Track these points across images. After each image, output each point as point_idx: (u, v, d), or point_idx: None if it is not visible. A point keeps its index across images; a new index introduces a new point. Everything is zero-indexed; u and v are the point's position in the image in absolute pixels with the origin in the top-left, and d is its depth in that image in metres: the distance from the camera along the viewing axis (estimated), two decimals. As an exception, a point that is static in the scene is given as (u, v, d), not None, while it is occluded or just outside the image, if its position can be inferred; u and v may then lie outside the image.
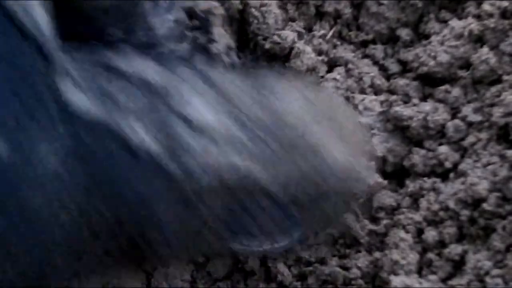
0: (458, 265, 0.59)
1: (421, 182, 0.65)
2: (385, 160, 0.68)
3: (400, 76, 0.73)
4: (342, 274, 0.63)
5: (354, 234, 0.65)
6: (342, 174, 0.49)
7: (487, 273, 0.56)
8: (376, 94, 0.72)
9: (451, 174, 0.64)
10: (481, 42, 0.67)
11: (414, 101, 0.69)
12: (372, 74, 0.73)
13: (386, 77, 0.74)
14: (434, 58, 0.69)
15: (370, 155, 0.54)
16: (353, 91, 0.72)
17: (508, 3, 0.66)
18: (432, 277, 0.59)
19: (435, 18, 0.73)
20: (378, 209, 0.66)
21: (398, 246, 0.62)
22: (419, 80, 0.71)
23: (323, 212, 0.52)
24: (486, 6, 0.67)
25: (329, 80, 0.72)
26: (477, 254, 0.58)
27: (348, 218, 0.65)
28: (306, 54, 0.73)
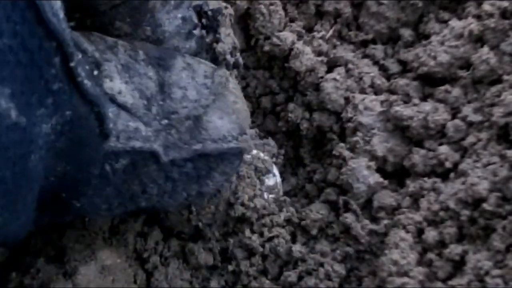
0: (458, 265, 0.59)
1: (421, 182, 0.65)
2: (385, 160, 0.68)
3: (400, 76, 0.73)
4: (342, 273, 0.64)
5: (354, 234, 0.66)
6: (221, 141, 0.56)
7: (487, 273, 0.56)
8: (376, 94, 0.72)
9: (451, 174, 0.64)
10: (481, 42, 0.67)
11: (414, 101, 0.69)
12: (372, 74, 0.73)
13: (386, 77, 0.74)
14: (434, 58, 0.69)
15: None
16: (353, 91, 0.72)
17: (508, 3, 0.66)
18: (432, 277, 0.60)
19: (435, 18, 0.73)
20: (378, 209, 0.66)
21: (398, 246, 0.62)
22: (419, 80, 0.71)
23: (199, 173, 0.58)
24: (486, 6, 0.67)
25: (329, 80, 0.72)
26: (477, 254, 0.58)
27: None
28: (305, 55, 0.73)
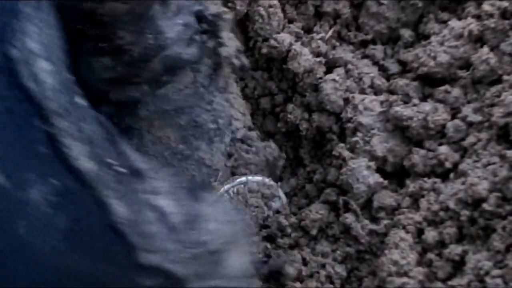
0: (458, 265, 0.59)
1: (421, 182, 0.65)
2: (385, 160, 0.68)
3: (400, 76, 0.73)
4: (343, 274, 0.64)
5: (354, 234, 0.66)
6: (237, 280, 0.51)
7: (487, 273, 0.56)
8: (376, 94, 0.72)
9: (451, 174, 0.64)
10: (481, 42, 0.67)
11: (414, 101, 0.69)
12: (372, 75, 0.73)
13: (386, 77, 0.74)
14: (434, 58, 0.69)
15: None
16: (353, 92, 0.72)
17: (508, 3, 0.66)
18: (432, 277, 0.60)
19: (435, 18, 0.73)
20: (378, 209, 0.66)
21: (398, 246, 0.62)
22: (419, 80, 0.71)
23: None
24: (486, 6, 0.67)
25: (328, 81, 0.72)
26: (477, 254, 0.58)
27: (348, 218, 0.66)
28: (303, 56, 0.73)
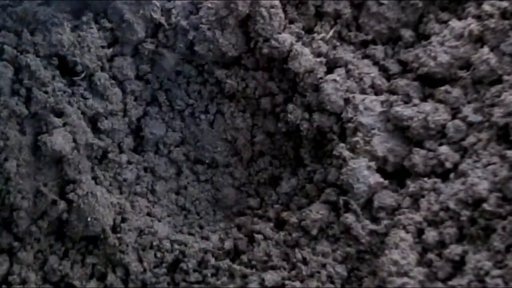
0: (458, 265, 0.59)
1: (421, 182, 0.65)
2: (385, 160, 0.68)
3: (400, 76, 0.73)
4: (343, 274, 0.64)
5: (354, 234, 0.66)
6: None
7: (487, 273, 0.56)
8: (376, 94, 0.72)
9: (452, 174, 0.64)
10: (481, 42, 0.67)
11: (415, 101, 0.69)
12: (372, 75, 0.73)
13: (387, 77, 0.74)
14: (434, 58, 0.69)
15: None
16: (353, 92, 0.72)
17: (508, 4, 0.66)
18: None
19: (435, 18, 0.73)
20: (378, 209, 0.66)
21: (398, 246, 0.62)
22: (420, 80, 0.71)
23: None
24: (486, 7, 0.67)
25: (328, 81, 0.72)
26: (477, 254, 0.58)
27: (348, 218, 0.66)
28: (304, 56, 0.73)
